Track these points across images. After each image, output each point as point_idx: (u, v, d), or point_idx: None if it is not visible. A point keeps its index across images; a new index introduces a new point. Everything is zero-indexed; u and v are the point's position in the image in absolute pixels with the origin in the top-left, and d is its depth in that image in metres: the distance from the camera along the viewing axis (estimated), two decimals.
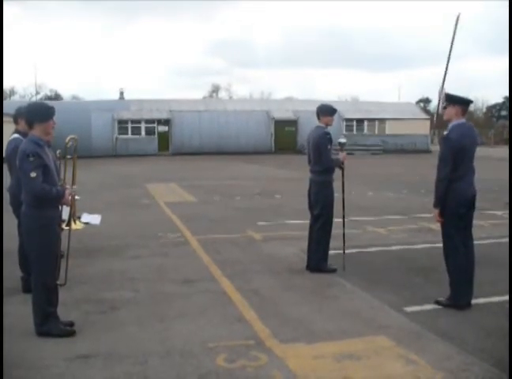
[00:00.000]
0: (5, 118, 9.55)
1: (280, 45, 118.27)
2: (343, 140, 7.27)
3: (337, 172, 7.08)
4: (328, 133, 6.96)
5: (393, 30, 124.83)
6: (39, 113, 4.87)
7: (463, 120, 5.57)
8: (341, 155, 7.07)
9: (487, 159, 32.81)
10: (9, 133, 6.49)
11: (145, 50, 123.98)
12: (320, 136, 6.93)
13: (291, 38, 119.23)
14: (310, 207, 7.17)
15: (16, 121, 6.34)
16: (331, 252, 7.16)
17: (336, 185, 7.09)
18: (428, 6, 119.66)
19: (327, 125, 7.05)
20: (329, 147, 6.91)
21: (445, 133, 5.56)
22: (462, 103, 5.58)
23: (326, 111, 7.05)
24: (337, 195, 7.06)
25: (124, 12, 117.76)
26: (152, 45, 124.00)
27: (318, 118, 7.08)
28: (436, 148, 43.85)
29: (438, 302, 5.67)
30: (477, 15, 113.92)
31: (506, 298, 5.68)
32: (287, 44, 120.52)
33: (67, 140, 5.55)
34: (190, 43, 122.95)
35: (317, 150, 6.95)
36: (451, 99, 5.57)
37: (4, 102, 39.99)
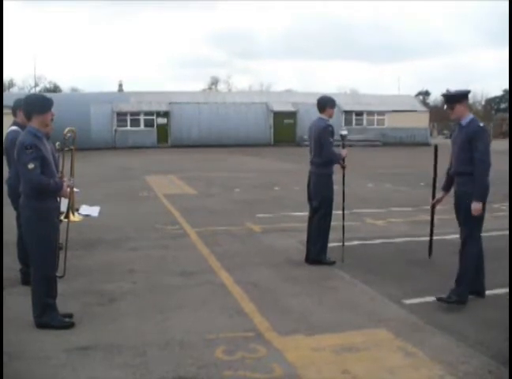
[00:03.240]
0: (4, 110, 9.53)
1: (279, 37, 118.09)
2: (344, 132, 7.23)
3: (337, 164, 7.07)
4: (330, 126, 6.95)
5: (393, 22, 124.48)
6: (37, 105, 4.85)
7: (471, 114, 5.58)
8: (343, 152, 7.01)
9: None
10: (8, 125, 6.47)
11: (145, 42, 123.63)
12: (323, 129, 6.91)
13: (290, 30, 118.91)
14: (310, 199, 7.16)
15: (14, 114, 6.32)
16: (330, 244, 7.16)
17: (336, 177, 7.08)
18: None
19: (330, 117, 7.03)
20: (331, 139, 6.89)
21: (481, 124, 5.52)
22: (467, 96, 5.62)
23: (327, 103, 7.02)
24: (337, 187, 7.05)
25: (123, 3, 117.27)
26: (152, 37, 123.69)
27: (320, 110, 7.05)
28: (435, 141, 43.81)
29: (440, 299, 5.49)
30: (478, 6, 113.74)
31: (506, 290, 5.69)
32: (286, 36, 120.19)
33: (65, 132, 5.53)
34: (189, 35, 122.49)
35: (318, 142, 6.94)
36: (459, 97, 5.52)
37: (3, 94, 39.96)
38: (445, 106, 5.66)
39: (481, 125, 5.48)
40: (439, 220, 10.10)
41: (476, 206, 5.32)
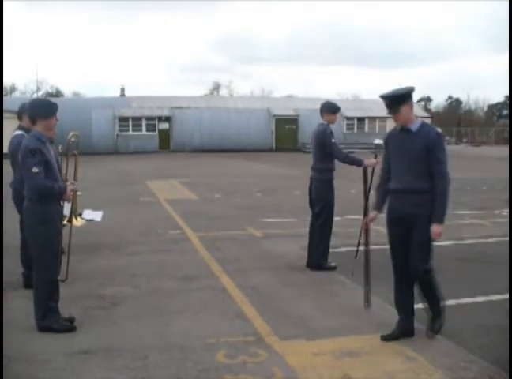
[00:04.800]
0: (5, 115, 9.58)
1: (281, 42, 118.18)
2: (379, 142, 7.25)
3: (339, 170, 7.08)
4: (329, 128, 6.97)
5: (395, 28, 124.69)
6: (42, 109, 4.89)
7: (418, 118, 4.72)
8: (370, 162, 6.32)
9: (488, 159, 32.83)
10: (9, 129, 6.51)
11: (147, 47, 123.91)
12: (321, 132, 6.94)
13: (292, 35, 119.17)
14: (311, 205, 7.18)
15: (20, 118, 6.35)
16: (331, 250, 7.17)
17: (338, 183, 7.10)
18: (430, 5, 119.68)
19: (330, 122, 7.05)
20: (333, 140, 6.90)
21: (437, 130, 4.72)
22: (411, 95, 4.67)
23: (329, 109, 7.05)
24: (337, 193, 7.07)
25: (125, 8, 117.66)
26: (154, 42, 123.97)
27: (321, 116, 7.09)
28: None
29: (430, 331, 4.78)
30: (479, 12, 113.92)
31: (506, 296, 5.69)
32: (288, 42, 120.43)
33: (69, 137, 5.56)
34: (191, 40, 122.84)
35: (319, 147, 6.96)
36: (405, 96, 4.58)
37: (5, 98, 40.07)
38: (387, 112, 4.68)
39: (438, 131, 4.66)
40: None
41: (438, 229, 4.52)
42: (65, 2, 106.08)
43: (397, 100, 4.54)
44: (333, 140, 6.90)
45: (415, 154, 4.53)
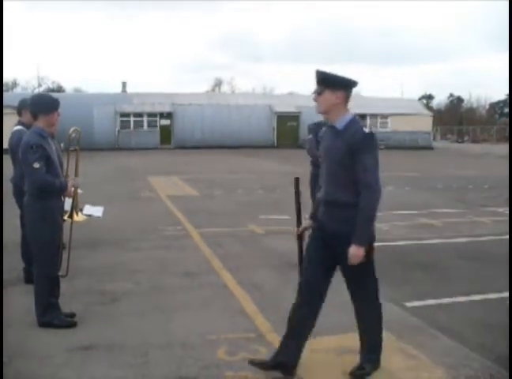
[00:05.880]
0: (6, 110, 9.57)
1: (283, 40, 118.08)
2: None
3: None
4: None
5: (397, 26, 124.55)
6: (43, 104, 4.88)
7: (350, 114, 3.90)
8: None
9: (490, 157, 32.80)
10: (10, 124, 6.50)
11: (148, 44, 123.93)
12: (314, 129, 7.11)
13: (294, 33, 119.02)
14: (312, 201, 7.18)
15: (20, 113, 6.34)
16: None
17: None
18: (431, 3, 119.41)
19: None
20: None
21: (366, 129, 3.79)
22: (347, 86, 3.87)
23: None
24: None
25: (127, 4, 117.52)
26: (156, 38, 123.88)
27: None
28: (438, 144, 43.64)
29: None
30: (482, 10, 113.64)
31: (507, 294, 5.69)
32: (290, 39, 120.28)
33: (71, 132, 5.54)
34: (193, 37, 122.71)
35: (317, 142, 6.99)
36: (332, 81, 3.83)
37: (6, 94, 40.07)
38: (312, 92, 3.92)
39: (367, 130, 3.76)
40: (443, 223, 10.13)
41: (356, 252, 3.73)
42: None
43: (326, 81, 3.82)
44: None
45: (337, 158, 3.77)
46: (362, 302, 4.20)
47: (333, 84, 3.79)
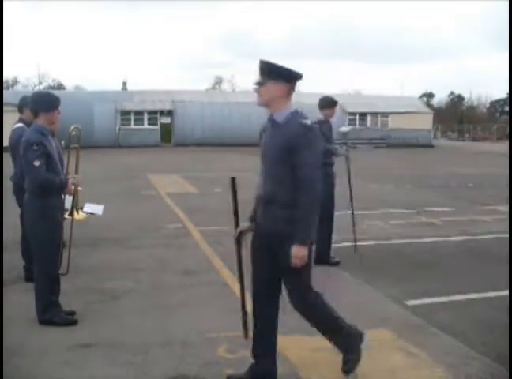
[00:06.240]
0: (6, 108, 9.55)
1: (283, 37, 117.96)
2: (345, 129, 7.32)
3: (341, 165, 7.07)
4: (320, 122, 7.01)
5: (397, 24, 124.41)
6: (44, 102, 4.87)
7: (293, 107, 3.67)
8: (342, 151, 7.13)
9: (490, 155, 32.78)
10: (10, 122, 6.49)
11: (149, 41, 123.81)
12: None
13: (294, 30, 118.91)
14: None
15: (20, 111, 6.34)
16: (336, 245, 7.17)
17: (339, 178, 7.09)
18: (432, 2, 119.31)
19: (328, 117, 7.03)
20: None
21: (307, 121, 3.57)
22: (291, 78, 3.64)
23: (328, 103, 7.02)
24: (338, 188, 7.07)
25: (128, 3, 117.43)
26: (156, 36, 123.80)
27: (320, 111, 7.06)
28: (438, 142, 43.51)
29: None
30: (483, 8, 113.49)
31: (507, 292, 5.68)
32: (290, 36, 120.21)
33: (71, 130, 5.53)
34: (193, 35, 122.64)
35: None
36: (276, 72, 3.58)
37: (6, 92, 40.04)
38: (254, 83, 3.66)
39: (307, 122, 3.55)
40: (443, 221, 10.12)
41: (298, 252, 3.51)
42: None
43: (270, 72, 3.56)
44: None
45: (276, 153, 3.59)
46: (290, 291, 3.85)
47: (276, 76, 3.56)
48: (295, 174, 3.49)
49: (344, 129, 7.28)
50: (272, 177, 3.65)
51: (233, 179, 4.12)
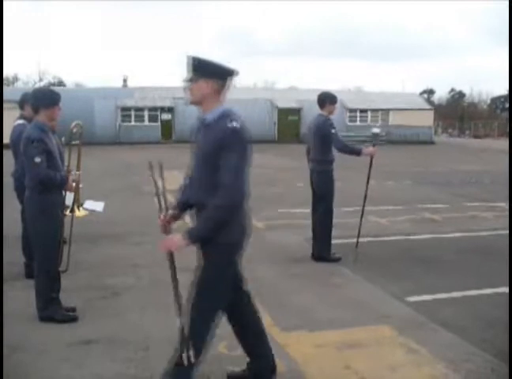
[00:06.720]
0: (7, 105, 9.54)
1: (284, 34, 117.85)
2: (376, 131, 7.29)
3: (345, 162, 7.06)
4: (329, 119, 6.96)
5: (398, 21, 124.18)
6: (44, 98, 4.86)
7: (225, 106, 3.44)
8: (370, 149, 7.05)
9: (491, 151, 32.75)
10: (11, 119, 6.49)
11: (149, 38, 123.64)
12: (322, 122, 6.93)
13: (295, 27, 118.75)
14: (313, 195, 7.18)
15: (22, 107, 6.34)
16: (336, 241, 7.16)
17: (339, 174, 7.08)
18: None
19: (330, 114, 7.02)
20: (333, 131, 6.88)
21: (235, 123, 3.31)
22: (223, 74, 3.40)
23: (331, 100, 7.01)
24: (339, 184, 7.07)
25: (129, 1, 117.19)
26: (157, 33, 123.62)
27: (320, 107, 7.05)
28: (439, 139, 43.52)
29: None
30: (483, 5, 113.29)
31: (507, 289, 5.69)
32: (291, 33, 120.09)
33: (72, 127, 5.53)
34: (194, 31, 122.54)
35: (319, 138, 6.94)
36: (206, 69, 3.35)
37: (7, 88, 40.03)
38: (184, 80, 3.42)
39: (234, 125, 3.29)
40: (443, 218, 10.12)
41: (177, 240, 3.57)
42: None
43: (200, 69, 3.33)
44: (333, 131, 6.88)
45: (204, 155, 3.43)
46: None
47: (207, 72, 3.32)
48: (217, 178, 3.26)
49: (375, 130, 7.27)
50: (201, 181, 3.47)
51: (150, 163, 3.86)
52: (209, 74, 3.32)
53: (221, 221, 3.34)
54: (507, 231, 8.43)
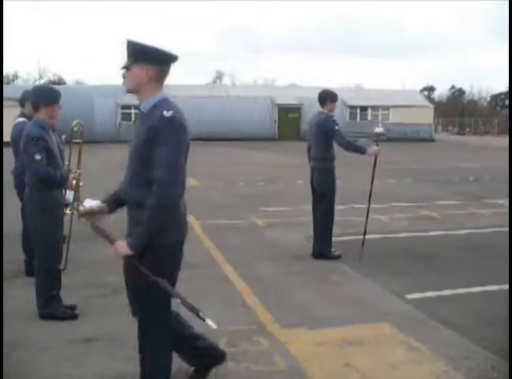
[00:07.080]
0: (7, 102, 9.53)
1: (284, 32, 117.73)
2: (379, 130, 7.26)
3: (343, 160, 7.05)
4: (331, 116, 6.95)
5: (398, 18, 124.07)
6: (45, 96, 4.86)
7: (163, 95, 3.21)
8: (372, 150, 6.97)
9: (491, 149, 32.74)
10: (11, 117, 6.50)
11: (149, 35, 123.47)
12: (324, 120, 6.91)
13: (295, 25, 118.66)
14: (313, 193, 7.17)
15: (22, 105, 6.35)
16: (336, 239, 7.16)
17: (340, 172, 7.08)
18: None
19: (331, 111, 7.01)
20: (337, 128, 6.86)
21: (169, 112, 3.05)
22: (161, 60, 3.13)
23: (333, 97, 7.00)
24: (340, 182, 7.06)
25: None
26: (157, 30, 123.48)
27: (321, 104, 7.03)
28: (439, 137, 43.59)
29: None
30: (483, 3, 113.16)
31: (507, 286, 5.68)
32: (291, 31, 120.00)
33: (73, 125, 5.52)
34: (194, 29, 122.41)
35: (321, 136, 6.93)
36: (143, 54, 3.07)
37: (7, 86, 40.01)
38: (121, 67, 3.16)
39: (169, 114, 3.03)
40: (443, 215, 10.12)
41: (122, 248, 3.15)
42: None
43: (136, 54, 3.07)
44: (337, 128, 6.86)
45: (137, 148, 3.17)
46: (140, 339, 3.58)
47: (143, 58, 3.05)
48: (151, 173, 3.00)
49: (378, 129, 7.26)
50: (134, 176, 3.16)
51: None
52: (145, 59, 3.06)
53: (161, 221, 3.11)
54: (507, 229, 8.42)
